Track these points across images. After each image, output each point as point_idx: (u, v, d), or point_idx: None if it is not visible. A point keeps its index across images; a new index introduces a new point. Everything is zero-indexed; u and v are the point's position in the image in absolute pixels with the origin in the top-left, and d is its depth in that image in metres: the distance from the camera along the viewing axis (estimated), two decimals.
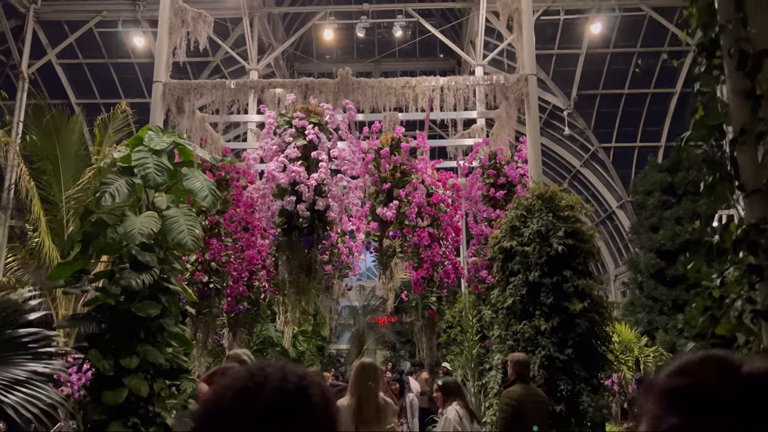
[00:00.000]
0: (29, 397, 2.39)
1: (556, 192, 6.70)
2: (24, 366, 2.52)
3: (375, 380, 3.98)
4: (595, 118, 16.79)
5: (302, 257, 6.88)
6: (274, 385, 1.01)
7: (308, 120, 6.99)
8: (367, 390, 3.89)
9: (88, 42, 13.71)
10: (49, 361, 2.65)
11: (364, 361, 4.16)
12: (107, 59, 14.02)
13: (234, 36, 13.62)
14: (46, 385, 2.54)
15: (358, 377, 3.95)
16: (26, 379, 2.46)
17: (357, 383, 3.92)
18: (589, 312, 6.13)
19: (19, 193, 11.28)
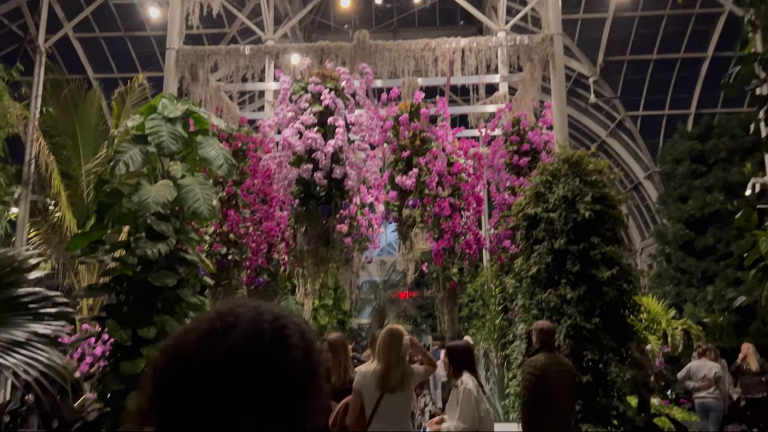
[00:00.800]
0: (28, 359, 2.25)
1: (584, 156, 6.42)
2: (23, 327, 2.39)
3: (402, 346, 3.87)
4: (621, 86, 16.23)
5: (320, 227, 6.73)
6: (246, 326, 0.88)
7: (324, 85, 6.77)
8: (396, 356, 3.79)
9: (104, 15, 13.58)
10: (50, 323, 2.51)
11: (391, 327, 4.04)
12: (123, 32, 13.89)
13: (250, 6, 13.38)
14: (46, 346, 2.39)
15: (386, 343, 3.85)
16: (25, 341, 2.33)
17: (385, 349, 3.82)
18: (618, 280, 5.90)
19: (39, 168, 11.28)
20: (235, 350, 0.86)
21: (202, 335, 0.88)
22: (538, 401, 4.52)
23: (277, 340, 0.89)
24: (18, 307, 2.52)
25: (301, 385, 0.89)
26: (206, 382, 0.84)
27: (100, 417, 5.84)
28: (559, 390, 4.56)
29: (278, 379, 0.87)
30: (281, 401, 0.86)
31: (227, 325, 0.88)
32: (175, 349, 0.90)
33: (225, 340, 0.86)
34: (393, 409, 3.68)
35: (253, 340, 0.87)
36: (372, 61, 7.20)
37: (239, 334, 0.87)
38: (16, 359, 2.34)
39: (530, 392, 4.55)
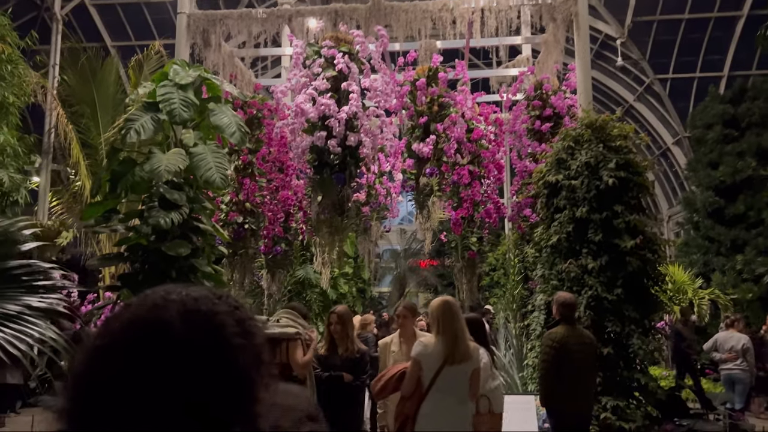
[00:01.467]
0: (18, 333, 2.17)
1: (608, 120, 6.14)
2: (15, 300, 2.30)
3: (462, 319, 3.82)
4: (650, 47, 15.60)
5: (335, 195, 6.59)
6: (178, 338, 0.78)
7: (338, 49, 6.55)
8: (461, 327, 3.74)
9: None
10: (45, 295, 2.42)
11: (448, 299, 3.94)
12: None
13: None
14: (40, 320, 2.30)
15: (447, 315, 3.75)
16: (17, 314, 2.24)
17: (448, 321, 3.72)
18: (642, 250, 5.68)
19: (59, 137, 11.31)
20: (163, 346, 0.76)
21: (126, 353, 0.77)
22: (556, 374, 4.39)
23: (217, 346, 0.79)
24: (10, 279, 2.43)
25: (242, 374, 0.80)
26: (133, 379, 0.75)
27: None
28: (579, 363, 4.42)
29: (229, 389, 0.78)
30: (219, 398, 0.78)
31: (154, 341, 0.78)
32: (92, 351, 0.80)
33: (153, 360, 0.76)
34: (452, 380, 3.64)
35: (189, 356, 0.77)
36: (387, 23, 6.93)
37: (172, 350, 0.77)
38: (4, 333, 2.26)
39: (548, 365, 4.42)
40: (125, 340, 0.78)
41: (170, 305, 0.81)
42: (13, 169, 8.47)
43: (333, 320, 4.97)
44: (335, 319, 4.94)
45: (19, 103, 8.72)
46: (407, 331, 4.77)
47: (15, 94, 8.60)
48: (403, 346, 4.69)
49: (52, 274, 2.56)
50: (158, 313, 0.80)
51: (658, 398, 5.62)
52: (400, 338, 4.78)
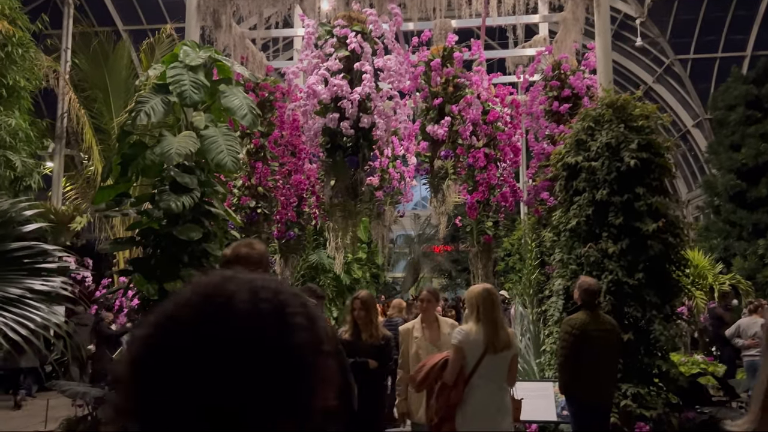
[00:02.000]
0: (19, 317, 2.08)
1: (629, 100, 5.94)
2: (18, 283, 2.21)
3: (500, 307, 3.84)
4: (671, 27, 15.20)
5: (348, 179, 6.46)
6: (242, 308, 0.75)
7: (350, 28, 6.38)
8: (500, 317, 3.76)
9: None
10: (48, 278, 2.33)
11: (488, 287, 3.89)
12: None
13: None
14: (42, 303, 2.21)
15: (488, 303, 3.73)
16: (18, 298, 2.15)
17: (489, 309, 3.72)
18: (664, 233, 5.51)
19: (71, 122, 11.29)
20: (232, 339, 0.73)
21: (191, 323, 0.75)
22: (575, 361, 4.27)
23: (281, 323, 0.77)
24: (11, 261, 2.34)
25: (310, 369, 0.79)
26: (202, 378, 0.72)
27: None
28: (600, 350, 4.28)
29: (285, 367, 0.76)
30: (289, 392, 0.76)
31: (219, 309, 0.75)
32: (158, 341, 0.75)
33: (219, 327, 0.74)
34: (493, 368, 3.67)
35: (253, 326, 0.75)
36: (402, 1, 6.75)
37: (236, 320, 0.75)
38: (5, 317, 2.17)
39: (568, 352, 4.29)
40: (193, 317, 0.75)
41: (238, 279, 0.79)
42: (25, 154, 8.44)
43: (356, 306, 4.85)
44: (359, 305, 4.82)
45: (30, 87, 8.67)
46: (430, 316, 4.67)
47: (26, 78, 8.54)
48: (426, 331, 4.60)
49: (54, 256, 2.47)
50: (227, 286, 0.78)
51: (680, 385, 5.47)
52: (422, 323, 4.68)
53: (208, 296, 0.77)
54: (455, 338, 3.69)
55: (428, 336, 4.55)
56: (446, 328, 4.51)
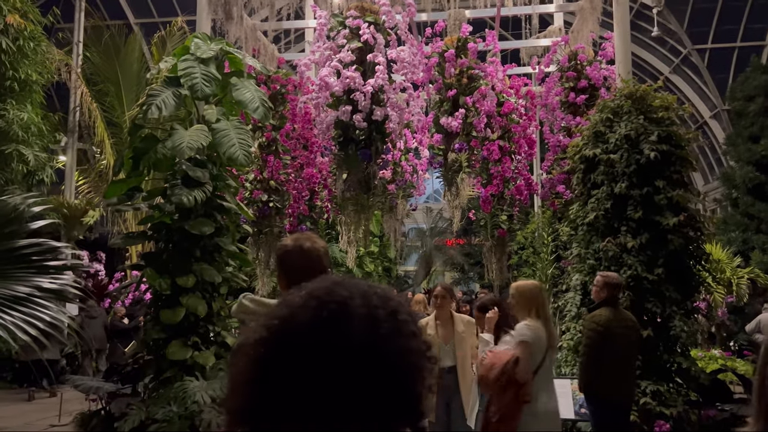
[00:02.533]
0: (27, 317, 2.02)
1: (649, 91, 5.79)
2: (25, 281, 2.16)
3: None
4: (689, 16, 14.92)
5: (360, 172, 6.37)
6: (360, 314, 0.79)
7: (363, 19, 6.28)
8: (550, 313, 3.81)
9: None
10: (57, 276, 2.27)
11: (537, 282, 3.95)
12: None
13: None
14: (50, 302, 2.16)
15: (542, 299, 3.71)
16: (27, 296, 2.10)
17: (544, 305, 3.70)
18: (684, 227, 5.38)
19: (83, 116, 11.28)
20: (354, 344, 0.77)
21: (310, 326, 0.78)
22: (599, 359, 4.17)
23: (395, 328, 0.80)
24: (19, 259, 2.28)
25: (420, 374, 0.82)
26: (323, 379, 0.75)
27: (144, 364, 5.84)
28: (623, 347, 4.19)
29: (400, 371, 0.80)
30: (403, 395, 0.80)
31: (336, 314, 0.79)
32: (280, 343, 0.79)
33: (340, 331, 0.77)
34: (550, 365, 3.71)
35: (371, 332, 0.78)
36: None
37: (355, 325, 0.78)
38: (13, 317, 2.11)
39: (591, 350, 4.17)
40: (312, 320, 0.78)
41: (349, 284, 0.83)
42: (38, 148, 8.44)
43: None
44: None
45: (42, 81, 8.65)
46: (444, 313, 4.59)
47: (38, 71, 8.52)
48: (440, 328, 4.51)
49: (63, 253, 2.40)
50: (339, 291, 0.81)
51: (701, 383, 5.35)
52: (436, 321, 4.59)
53: (323, 301, 0.80)
54: (524, 335, 3.57)
55: (442, 334, 4.46)
56: (461, 326, 4.42)
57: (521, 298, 3.72)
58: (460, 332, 4.34)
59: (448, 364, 4.35)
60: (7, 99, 8.01)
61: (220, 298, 6.45)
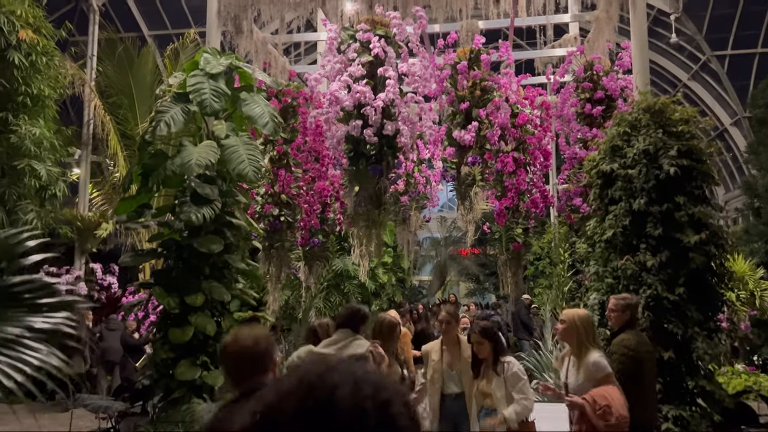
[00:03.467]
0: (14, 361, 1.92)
1: (668, 104, 5.62)
2: (16, 321, 2.06)
3: None
4: (707, 22, 14.64)
5: (372, 187, 6.26)
6: (346, 404, 0.76)
7: (374, 32, 6.18)
8: None
9: None
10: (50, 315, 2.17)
11: (585, 311, 3.94)
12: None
13: None
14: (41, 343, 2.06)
15: (593, 327, 3.77)
16: (16, 338, 2.00)
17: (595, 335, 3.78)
18: (706, 244, 5.18)
19: (96, 129, 11.31)
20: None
21: (294, 415, 0.75)
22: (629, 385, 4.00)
23: (384, 422, 0.77)
24: (11, 297, 2.19)
25: None
26: None
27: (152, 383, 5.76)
28: (650, 372, 4.04)
29: None
30: None
31: (322, 403, 0.76)
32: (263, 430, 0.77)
33: (322, 422, 0.74)
34: None
35: (355, 423, 0.75)
36: (427, 3, 6.52)
37: (340, 416, 0.75)
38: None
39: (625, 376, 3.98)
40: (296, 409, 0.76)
41: (340, 367, 0.81)
42: (50, 163, 8.43)
43: None
44: None
45: (55, 96, 8.66)
46: (451, 337, 4.43)
47: (51, 86, 8.53)
48: (446, 354, 4.35)
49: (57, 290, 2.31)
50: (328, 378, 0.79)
51: (725, 407, 5.14)
52: (442, 346, 4.44)
53: (312, 387, 0.77)
54: (605, 365, 3.55)
55: (447, 359, 4.30)
56: (467, 351, 4.25)
57: (574, 324, 3.69)
58: (467, 357, 4.18)
59: (454, 390, 4.20)
60: (20, 114, 8.01)
61: (230, 316, 6.37)
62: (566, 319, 3.73)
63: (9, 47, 7.85)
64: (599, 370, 3.46)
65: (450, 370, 4.22)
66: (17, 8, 8.00)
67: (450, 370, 4.23)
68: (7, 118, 7.90)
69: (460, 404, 4.12)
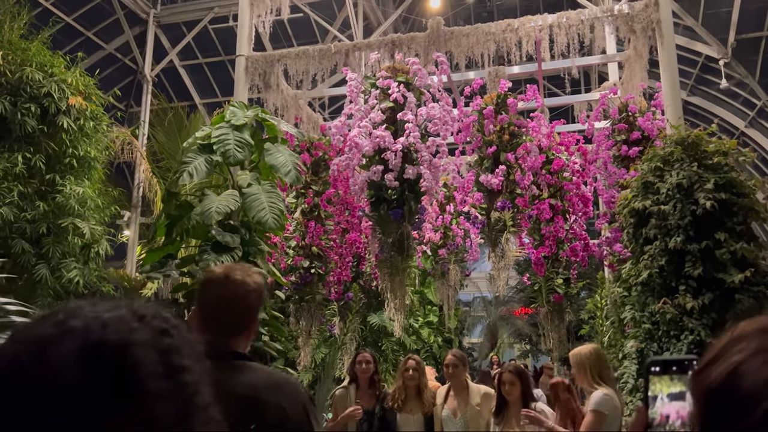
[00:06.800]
0: None
1: (702, 136, 5.28)
2: None
3: None
4: (760, 66, 14.09)
5: (394, 233, 6.10)
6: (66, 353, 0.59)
7: (394, 79, 6.20)
8: None
9: (204, 41, 14.10)
10: None
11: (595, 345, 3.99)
12: (224, 56, 14.35)
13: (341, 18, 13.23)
14: None
15: (607, 363, 3.84)
16: None
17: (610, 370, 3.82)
18: (753, 285, 4.70)
19: (146, 192, 11.75)
20: None
21: None
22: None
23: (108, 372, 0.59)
24: None
25: None
26: None
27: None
28: None
29: None
30: None
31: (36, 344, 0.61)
32: None
33: None
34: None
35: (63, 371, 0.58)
36: (448, 49, 6.52)
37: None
38: None
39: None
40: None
41: (67, 338, 0.61)
42: (94, 222, 8.72)
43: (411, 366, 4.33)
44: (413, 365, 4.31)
45: (102, 158, 9.06)
46: (458, 382, 4.10)
47: (98, 149, 8.94)
48: (453, 399, 4.02)
49: None
50: (47, 351, 0.60)
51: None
52: (448, 391, 4.11)
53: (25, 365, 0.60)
54: (601, 404, 3.35)
55: (452, 405, 3.97)
56: (476, 398, 3.91)
57: (583, 362, 3.56)
58: (475, 405, 3.83)
59: None
60: (66, 175, 8.39)
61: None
62: (573, 361, 3.41)
63: (59, 113, 8.32)
64: (591, 404, 3.20)
65: (454, 418, 3.88)
66: (68, 77, 8.51)
67: (454, 417, 3.88)
68: (54, 180, 8.28)
69: None
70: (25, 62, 8.17)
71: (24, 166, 7.91)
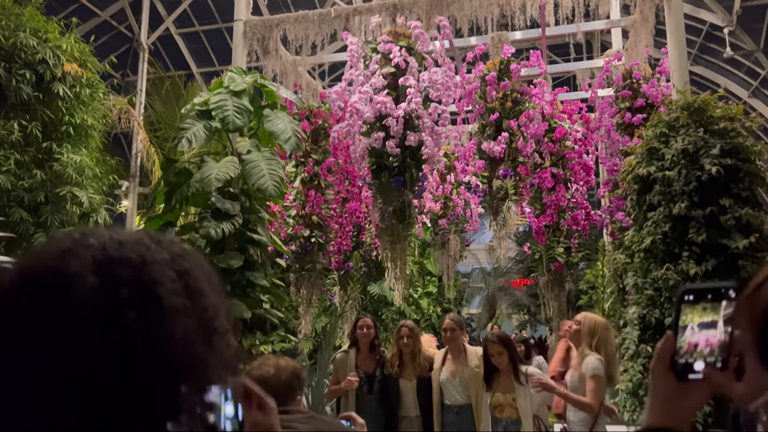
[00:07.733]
0: None
1: (708, 101, 5.20)
2: None
3: None
4: (765, 35, 13.89)
5: (395, 201, 6.06)
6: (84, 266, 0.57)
7: (395, 43, 6.08)
8: None
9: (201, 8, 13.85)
10: None
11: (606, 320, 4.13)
12: (221, 23, 14.12)
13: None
14: None
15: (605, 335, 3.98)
16: None
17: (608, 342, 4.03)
18: (757, 251, 4.68)
19: (144, 162, 11.65)
20: None
21: None
22: None
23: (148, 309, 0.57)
24: None
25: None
26: None
27: None
28: None
29: None
30: None
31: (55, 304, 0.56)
32: None
33: None
34: None
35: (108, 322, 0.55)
36: (451, 13, 6.38)
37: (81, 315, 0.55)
38: None
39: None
40: (11, 302, 0.57)
41: (84, 251, 0.60)
42: (92, 191, 8.64)
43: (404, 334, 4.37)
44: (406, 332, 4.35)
45: (99, 126, 8.94)
46: (456, 346, 4.10)
47: (94, 117, 8.82)
48: (449, 363, 4.03)
49: None
50: (65, 262, 0.58)
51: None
52: (445, 355, 4.11)
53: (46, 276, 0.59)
54: (599, 369, 3.53)
55: (451, 369, 3.97)
56: (474, 360, 3.91)
57: (593, 329, 3.72)
58: (474, 367, 3.83)
59: (458, 401, 3.84)
60: (63, 143, 8.28)
61: (252, 335, 6.22)
62: (586, 324, 3.46)
63: (54, 80, 8.17)
64: (590, 369, 3.33)
65: (453, 380, 3.89)
66: (63, 43, 8.35)
67: (453, 379, 3.89)
68: (51, 147, 8.17)
69: (465, 418, 3.76)
70: (18, 27, 7.99)
71: (20, 134, 7.80)
